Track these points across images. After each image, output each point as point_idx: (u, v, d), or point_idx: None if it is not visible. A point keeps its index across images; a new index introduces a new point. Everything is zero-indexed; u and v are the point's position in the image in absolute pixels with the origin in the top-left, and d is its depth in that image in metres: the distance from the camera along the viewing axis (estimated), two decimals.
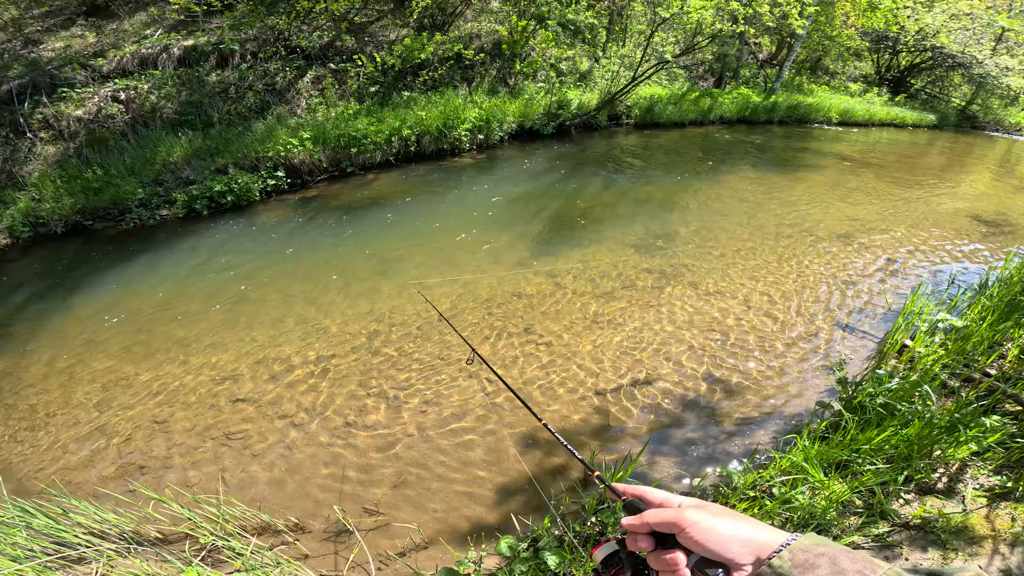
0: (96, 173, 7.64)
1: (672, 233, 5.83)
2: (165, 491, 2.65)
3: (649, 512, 0.68)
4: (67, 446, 3.40)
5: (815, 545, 0.56)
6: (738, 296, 4.53)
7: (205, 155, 7.81)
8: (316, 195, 7.75)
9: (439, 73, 9.96)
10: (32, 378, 4.24)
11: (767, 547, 0.58)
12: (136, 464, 3.17)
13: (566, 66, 11.88)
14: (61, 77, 8.20)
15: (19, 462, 3.33)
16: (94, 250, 6.87)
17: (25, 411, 3.84)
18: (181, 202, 7.41)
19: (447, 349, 3.92)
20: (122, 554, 2.32)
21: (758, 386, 3.53)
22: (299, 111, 8.94)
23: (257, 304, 4.89)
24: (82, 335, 4.80)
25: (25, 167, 7.87)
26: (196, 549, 2.43)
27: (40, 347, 4.73)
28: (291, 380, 3.77)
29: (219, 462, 3.11)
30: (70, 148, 8.11)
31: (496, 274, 4.98)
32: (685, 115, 12.48)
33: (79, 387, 4.03)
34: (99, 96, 8.27)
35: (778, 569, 0.55)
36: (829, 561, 0.53)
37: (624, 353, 3.81)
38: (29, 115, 7.93)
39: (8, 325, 5.25)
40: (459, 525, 2.62)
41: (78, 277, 6.17)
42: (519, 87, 10.80)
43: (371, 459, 3.03)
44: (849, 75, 19.93)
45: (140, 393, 3.86)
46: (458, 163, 8.71)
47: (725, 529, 0.61)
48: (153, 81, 8.53)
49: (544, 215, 6.55)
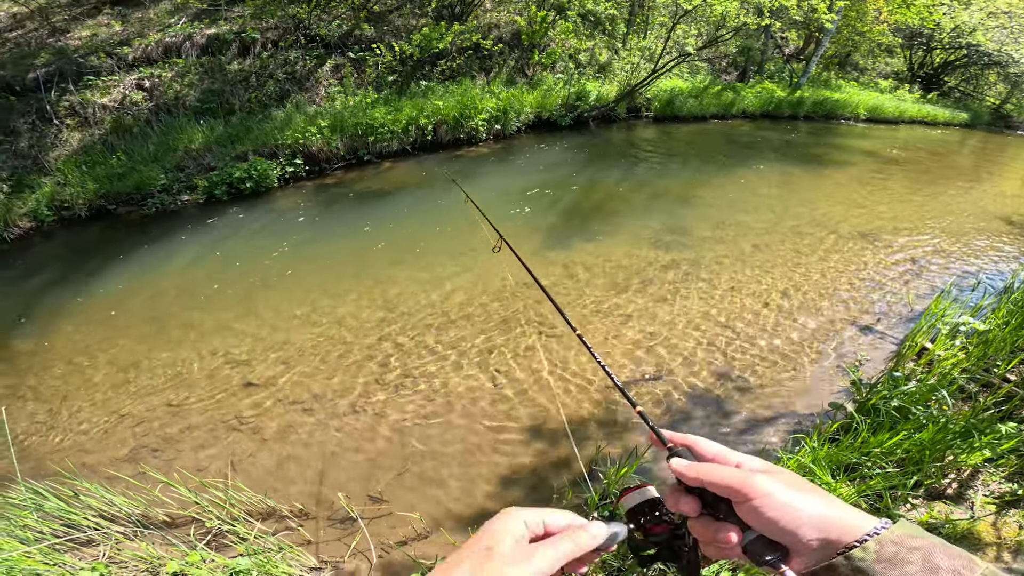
0: (120, 159, 7.80)
1: (689, 227, 5.73)
2: (174, 475, 2.69)
3: (708, 467, 0.56)
4: (83, 428, 3.48)
5: (909, 536, 0.46)
6: (754, 293, 4.44)
7: (226, 142, 7.91)
8: (333, 183, 7.81)
9: (457, 63, 9.92)
10: (53, 360, 4.34)
11: (848, 533, 0.48)
12: (149, 447, 3.23)
13: (585, 57, 11.74)
14: (87, 65, 8.35)
15: (37, 443, 3.41)
16: (117, 234, 7.02)
17: (46, 392, 3.93)
18: (202, 188, 7.53)
19: (458, 339, 3.92)
20: (130, 537, 2.36)
21: (770, 384, 3.46)
22: (318, 99, 9.00)
23: (272, 290, 4.95)
24: (102, 318, 4.91)
25: (51, 153, 8.06)
26: (202, 533, 2.46)
27: (61, 329, 4.85)
28: (302, 365, 3.81)
29: (229, 446, 3.15)
30: (95, 135, 8.28)
31: (509, 263, 4.95)
32: (706, 109, 12.25)
33: (98, 369, 4.12)
34: (124, 84, 8.42)
35: (857, 562, 0.46)
36: (922, 557, 0.45)
37: (635, 347, 3.76)
38: (56, 103, 8.11)
39: (31, 307, 5.40)
40: (462, 514, 2.61)
41: (100, 261, 6.31)
42: (537, 78, 10.71)
43: (378, 446, 3.04)
44: (880, 71, 19.34)
45: (156, 376, 3.93)
46: (474, 153, 8.69)
47: (803, 506, 0.50)
48: (176, 69, 8.66)
49: (559, 206, 6.49)
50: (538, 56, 10.90)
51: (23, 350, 4.58)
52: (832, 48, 16.54)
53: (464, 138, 8.88)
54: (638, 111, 11.59)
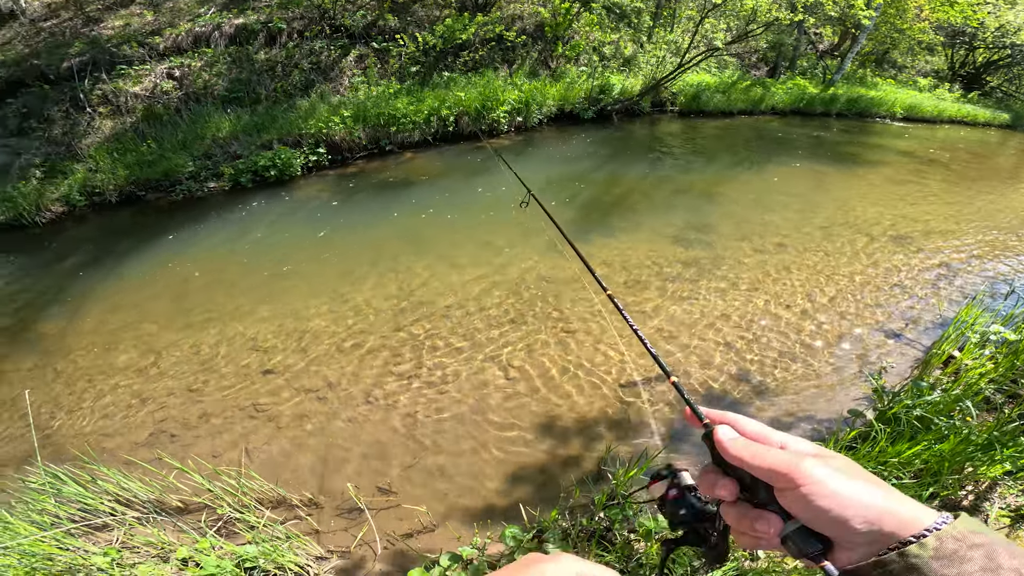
0: (150, 147, 7.99)
1: (712, 225, 5.60)
2: (189, 461, 2.73)
3: (753, 446, 0.52)
4: (106, 411, 3.57)
5: (972, 533, 0.43)
6: (777, 294, 4.31)
7: (252, 131, 8.03)
8: (354, 172, 7.87)
9: (480, 54, 9.88)
10: (80, 342, 4.47)
11: (905, 526, 0.44)
12: (168, 432, 3.29)
13: (609, 50, 11.56)
14: (120, 55, 8.56)
15: (61, 426, 3.51)
16: (146, 219, 7.21)
17: (72, 375, 4.05)
18: (228, 176, 7.67)
19: (473, 331, 3.90)
20: (143, 522, 2.40)
21: (788, 389, 3.36)
22: (342, 89, 9.06)
23: (292, 277, 5.01)
24: (129, 301, 5.04)
25: (84, 140, 8.29)
26: (213, 519, 2.49)
27: (89, 312, 5.00)
28: (319, 353, 3.84)
29: (245, 433, 3.20)
30: (127, 123, 8.48)
31: (527, 256, 4.92)
32: (734, 104, 11.96)
33: (122, 353, 4.22)
34: (155, 73, 8.60)
35: (912, 558, 0.42)
36: (984, 555, 0.41)
37: (651, 343, 3.69)
38: (89, 91, 8.33)
39: (61, 290, 5.58)
40: (468, 509, 2.61)
41: (129, 245, 6.49)
42: (560, 70, 10.59)
43: (390, 438, 3.05)
44: (919, 69, 18.61)
45: (179, 360, 4.01)
46: (495, 144, 8.65)
47: (857, 496, 0.46)
48: (205, 59, 8.81)
49: (579, 200, 6.42)
50: (562, 48, 10.77)
51: (52, 332, 4.73)
52: (869, 45, 15.97)
53: (485, 129, 8.85)
54: (663, 105, 11.39)
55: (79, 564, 2.04)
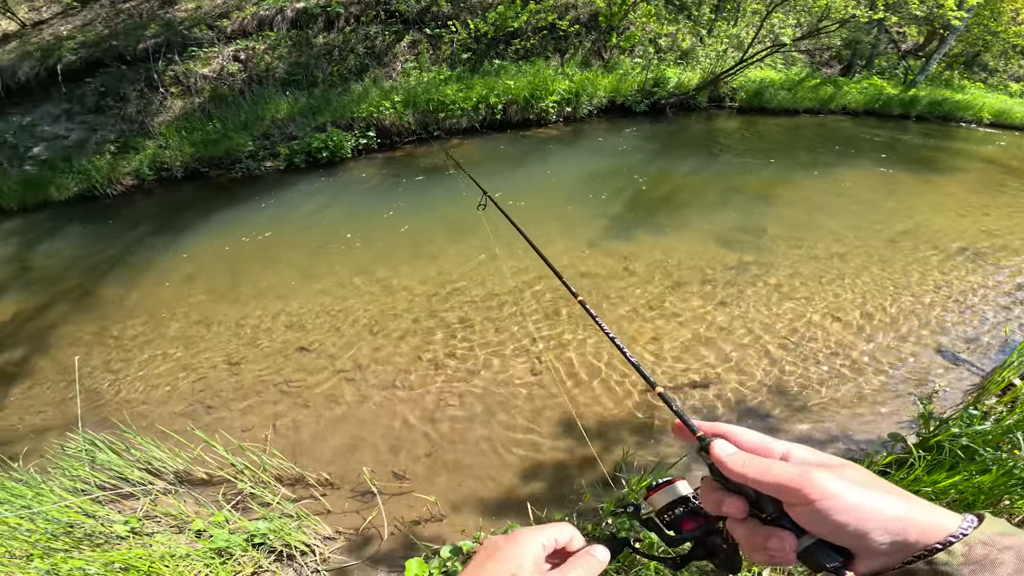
0: (215, 126, 8.39)
1: (763, 228, 5.30)
2: (217, 435, 2.81)
3: (756, 461, 0.48)
4: (150, 379, 3.76)
5: (1000, 535, 0.41)
6: (827, 304, 4.02)
7: (308, 113, 8.29)
8: (402, 156, 7.99)
9: (531, 43, 9.76)
10: (136, 309, 4.75)
11: (929, 534, 0.42)
12: (204, 403, 3.43)
13: (666, 43, 11.15)
14: (191, 37, 9.00)
15: (107, 391, 3.72)
16: (207, 194, 7.59)
17: (124, 340, 4.30)
18: (283, 156, 7.98)
19: (506, 323, 3.87)
20: (166, 493, 2.49)
21: (830, 407, 3.13)
22: (394, 75, 9.20)
23: (335, 257, 5.14)
24: (184, 272, 5.31)
25: (156, 119, 8.80)
26: (233, 493, 2.56)
27: (148, 280, 5.31)
28: (352, 335, 3.91)
29: (274, 408, 3.29)
30: (195, 103, 8.93)
31: (567, 250, 4.83)
32: (800, 102, 11.28)
33: (173, 322, 4.45)
34: (222, 55, 9.01)
35: (941, 566, 0.40)
36: (1015, 556, 0.39)
37: (686, 350, 3.53)
38: (162, 72, 8.82)
39: (124, 258, 5.96)
40: (479, 502, 2.58)
41: (190, 218, 6.85)
42: (613, 61, 10.31)
43: (411, 424, 3.07)
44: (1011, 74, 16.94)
45: (222, 333, 4.19)
46: (543, 134, 8.55)
47: (876, 506, 0.43)
48: (268, 42, 9.14)
49: (625, 195, 6.24)
50: (616, 39, 10.48)
51: (112, 297, 5.06)
52: (958, 46, 14.66)
53: (533, 119, 8.76)
54: (721, 101, 10.90)
55: (99, 532, 2.14)
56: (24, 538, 2.05)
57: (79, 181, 8.03)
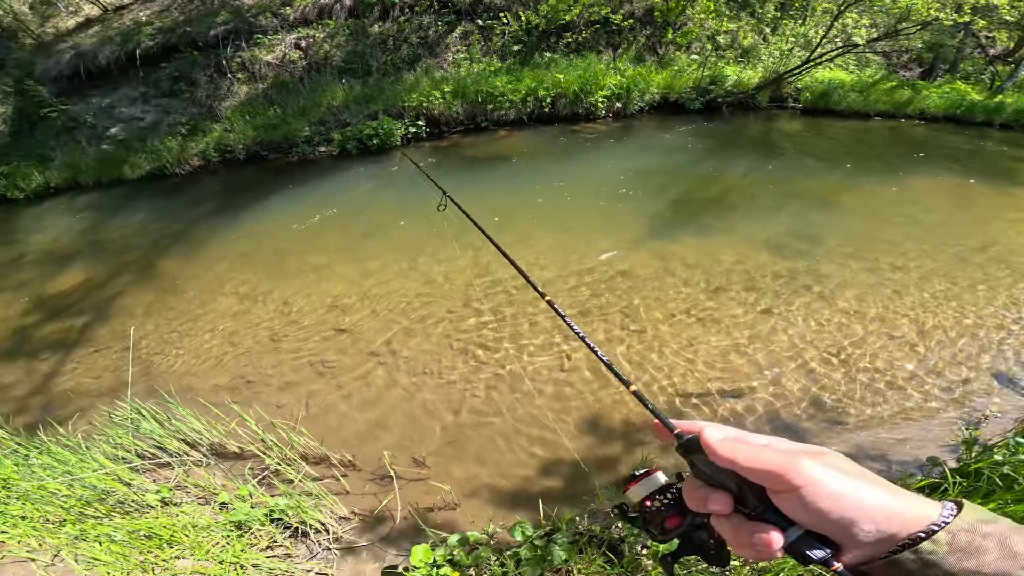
0: (275, 111, 8.78)
1: (819, 236, 4.99)
2: (251, 410, 2.90)
3: (743, 447, 0.47)
4: (198, 351, 3.95)
5: (981, 523, 0.42)
6: (881, 320, 3.73)
7: (361, 101, 8.53)
8: (449, 145, 8.09)
9: (584, 36, 9.61)
10: (192, 283, 5.03)
11: (912, 523, 0.42)
12: (245, 377, 3.58)
13: (725, 40, 10.70)
14: (257, 25, 9.41)
15: (158, 360, 3.94)
16: (266, 176, 7.96)
17: (179, 312, 4.55)
18: (337, 142, 8.25)
19: (538, 317, 3.83)
20: (199, 464, 2.58)
21: (867, 424, 2.92)
22: (445, 65, 9.29)
23: (379, 242, 5.26)
24: (238, 250, 5.59)
25: (223, 103, 9.28)
26: (260, 468, 2.65)
27: (205, 256, 5.62)
28: (388, 319, 3.99)
29: (308, 388, 3.39)
30: (258, 88, 9.35)
31: (604, 246, 4.73)
32: (872, 105, 10.55)
33: (224, 297, 4.68)
34: (285, 43, 9.38)
35: (927, 555, 0.41)
36: (998, 543, 0.40)
37: (720, 357, 3.38)
38: (230, 58, 9.27)
39: (185, 233, 6.32)
40: (494, 493, 2.58)
41: (248, 199, 7.20)
42: (668, 57, 10.00)
43: (436, 411, 3.09)
44: None
45: (268, 309, 4.37)
46: (591, 129, 8.41)
47: (859, 496, 0.43)
48: (327, 30, 9.44)
49: (672, 193, 6.04)
50: (672, 35, 10.15)
51: (171, 270, 5.38)
52: None
53: (582, 113, 8.64)
54: (783, 101, 10.35)
55: (131, 500, 2.25)
56: (60, 503, 2.18)
57: (151, 160, 8.60)
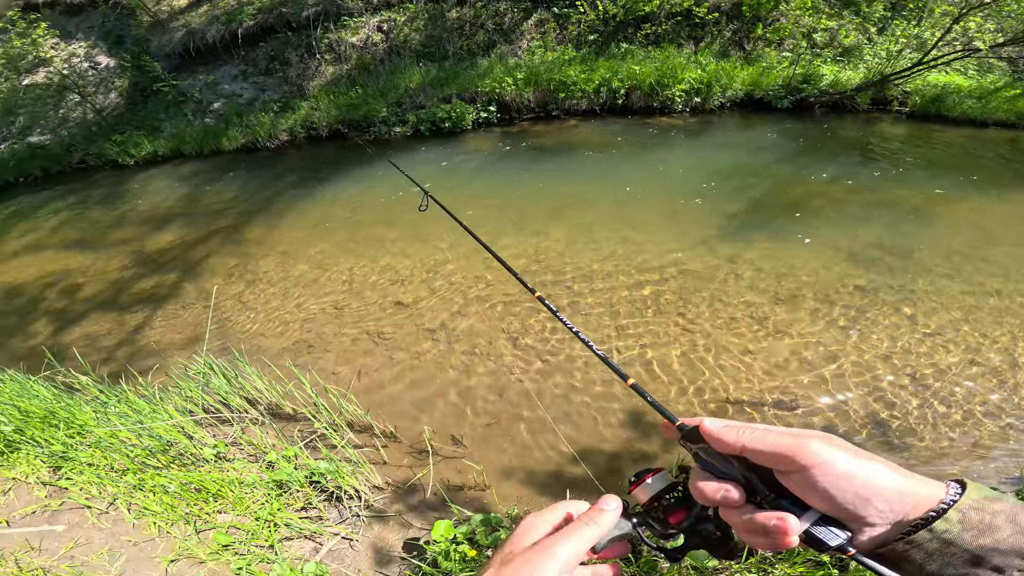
0: (357, 92, 9.17)
1: (909, 249, 4.53)
2: (308, 374, 3.03)
3: (750, 430, 0.47)
4: (271, 314, 4.22)
5: (987, 500, 0.42)
6: (966, 346, 3.31)
7: (436, 84, 8.73)
8: (519, 132, 8.11)
9: (663, 28, 9.23)
10: (271, 251, 5.37)
11: (921, 504, 0.42)
12: (307, 342, 3.78)
13: (822, 38, 9.91)
14: (344, 6, 9.81)
15: (235, 320, 4.24)
16: (346, 153, 8.37)
17: (257, 276, 4.89)
18: (411, 123, 8.52)
19: (591, 310, 3.78)
20: (255, 422, 2.73)
21: (930, 451, 2.63)
22: (519, 52, 9.28)
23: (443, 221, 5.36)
24: (314, 221, 5.92)
25: (311, 82, 9.79)
26: (309, 432, 2.77)
27: (286, 225, 5.99)
28: (444, 298, 4.08)
29: (363, 358, 3.53)
30: (343, 69, 9.79)
31: (668, 244, 4.57)
32: (991, 113, 9.41)
33: (298, 264, 4.97)
34: (368, 26, 9.73)
35: (942, 534, 0.41)
36: (1008, 520, 0.40)
37: (778, 367, 3.16)
38: (320, 39, 9.75)
39: (272, 202, 6.77)
40: (525, 478, 2.57)
41: (327, 173, 7.61)
42: (756, 53, 9.41)
43: (481, 393, 3.12)
44: None
45: (335, 279, 4.59)
46: (665, 123, 8.10)
47: (870, 475, 0.43)
48: (408, 14, 9.69)
49: (748, 194, 5.71)
50: (762, 30, 9.54)
51: (255, 237, 5.78)
52: None
53: (657, 107, 8.33)
54: (887, 103, 9.46)
55: (189, 453, 2.42)
56: (126, 452, 2.37)
57: (246, 134, 9.28)
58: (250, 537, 2.08)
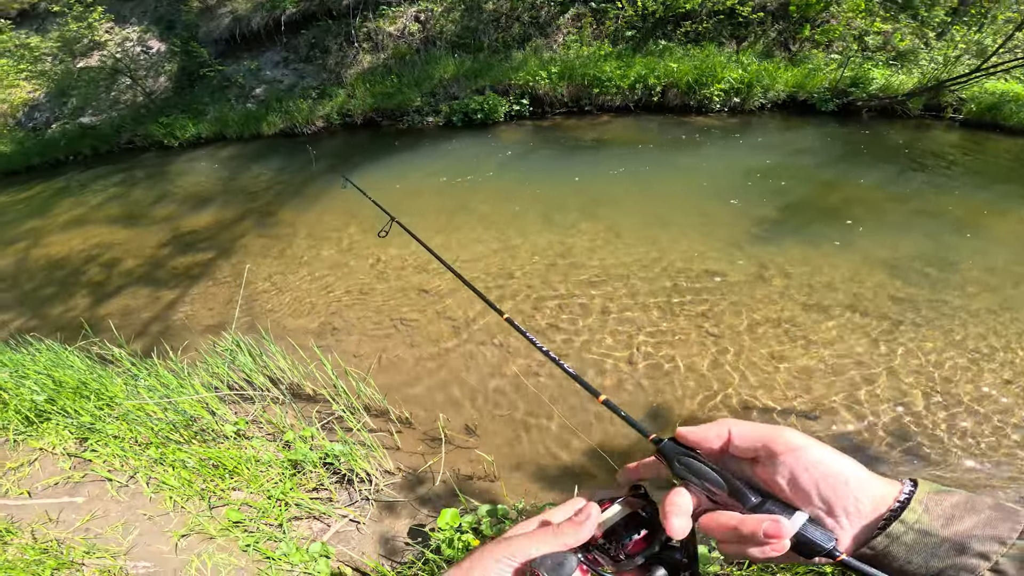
0: (393, 81, 9.26)
1: (953, 262, 4.31)
2: (330, 356, 3.06)
3: (726, 424, 0.50)
4: (297, 294, 4.31)
5: (941, 495, 0.42)
6: (1003, 363, 3.12)
7: (470, 76, 8.74)
8: (550, 126, 8.06)
9: (704, 26, 8.97)
10: (303, 232, 5.49)
11: (883, 500, 0.43)
12: (332, 324, 3.84)
13: (874, 41, 9.47)
14: None
15: (263, 299, 4.34)
16: (380, 141, 8.50)
17: (287, 257, 5.00)
18: (444, 113, 8.57)
19: (615, 307, 3.73)
20: (276, 402, 2.76)
21: (951, 468, 2.52)
22: (554, 46, 9.19)
23: (472, 212, 5.42)
24: (344, 206, 6.02)
25: (348, 71, 9.93)
26: (327, 413, 2.79)
27: (318, 208, 6.12)
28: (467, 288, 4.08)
29: (384, 343, 3.57)
30: (380, 58, 9.89)
31: (699, 246, 4.47)
32: None
33: (329, 247, 5.07)
34: (406, 16, 9.80)
35: (914, 525, 0.41)
36: (966, 510, 0.41)
37: (802, 376, 3.05)
38: (358, 28, 9.87)
39: (305, 186, 6.92)
40: (535, 471, 2.56)
41: (361, 159, 7.74)
42: (802, 54, 9.07)
43: (497, 385, 3.13)
44: None
45: (362, 265, 4.66)
46: (702, 122, 7.90)
47: (842, 463, 0.44)
48: (444, 5, 9.71)
49: (783, 197, 5.53)
50: (809, 31, 9.19)
51: (288, 219, 5.92)
52: None
53: (694, 105, 8.13)
54: (940, 110, 9.01)
55: (211, 429, 2.47)
56: (151, 426, 2.42)
57: (285, 120, 9.51)
58: (261, 515, 2.13)
